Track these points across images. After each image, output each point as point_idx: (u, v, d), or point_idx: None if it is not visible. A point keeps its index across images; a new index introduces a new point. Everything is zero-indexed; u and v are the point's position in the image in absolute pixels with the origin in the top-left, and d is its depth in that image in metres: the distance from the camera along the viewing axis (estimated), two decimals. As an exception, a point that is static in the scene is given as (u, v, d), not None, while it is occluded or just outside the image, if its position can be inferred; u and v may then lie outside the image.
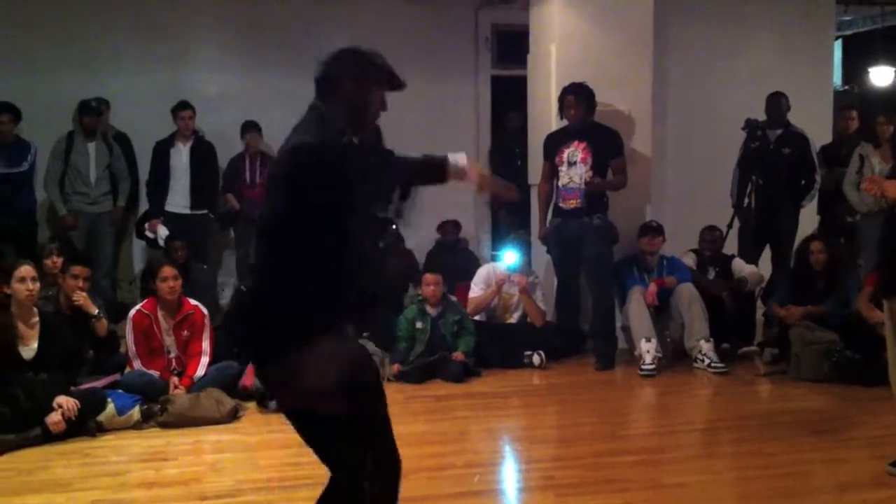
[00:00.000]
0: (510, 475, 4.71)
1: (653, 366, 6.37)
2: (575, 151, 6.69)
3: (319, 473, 4.36)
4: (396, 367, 6.26)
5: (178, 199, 8.09)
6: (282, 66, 8.69)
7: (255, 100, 8.71)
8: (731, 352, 6.83)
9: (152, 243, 8.09)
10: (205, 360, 5.72)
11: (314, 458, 4.58)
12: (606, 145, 6.69)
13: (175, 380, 5.58)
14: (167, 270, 5.74)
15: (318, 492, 4.09)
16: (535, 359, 6.61)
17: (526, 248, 7.11)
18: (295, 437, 4.93)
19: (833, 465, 4.53)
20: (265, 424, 5.30)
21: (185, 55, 8.81)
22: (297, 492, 4.15)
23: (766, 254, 7.66)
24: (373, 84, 2.90)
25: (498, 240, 8.72)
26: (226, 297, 7.79)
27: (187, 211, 8.10)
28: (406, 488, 4.17)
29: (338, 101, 2.85)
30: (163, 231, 7.86)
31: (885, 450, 4.43)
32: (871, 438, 4.86)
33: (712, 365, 6.41)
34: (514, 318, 6.98)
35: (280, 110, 8.61)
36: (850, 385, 5.88)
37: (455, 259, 8.23)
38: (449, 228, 8.73)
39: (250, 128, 8.41)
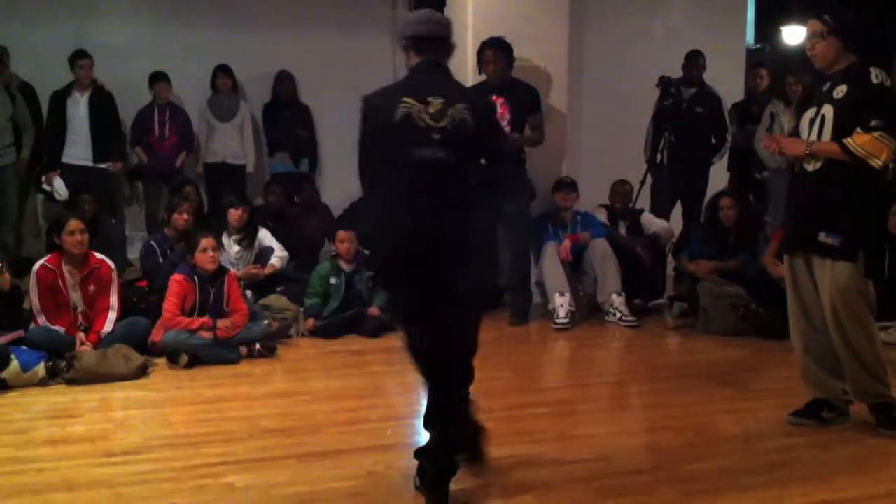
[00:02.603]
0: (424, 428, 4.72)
1: (566, 320, 6.44)
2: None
3: (228, 429, 4.38)
4: (311, 322, 6.20)
5: (79, 152, 7.84)
6: (192, 17, 8.47)
7: (165, 51, 8.50)
8: (642, 306, 6.95)
9: (51, 196, 7.84)
10: (112, 315, 5.60)
11: (222, 413, 4.61)
12: (525, 101, 6.67)
13: (82, 336, 5.44)
14: (74, 224, 5.56)
15: (227, 448, 4.10)
16: (451, 313, 6.60)
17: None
18: (203, 393, 4.98)
19: (739, 416, 4.66)
20: (174, 381, 5.23)
21: (92, 4, 8.53)
22: (205, 447, 4.12)
23: (678, 209, 7.78)
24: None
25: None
26: (134, 251, 7.60)
27: (89, 163, 7.85)
28: (319, 442, 4.21)
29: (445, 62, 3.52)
30: (59, 184, 7.62)
31: (788, 400, 4.56)
32: (776, 390, 5.01)
33: (624, 319, 6.51)
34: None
35: (190, 62, 8.53)
36: (756, 338, 6.05)
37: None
38: None
39: (159, 78, 8.19)
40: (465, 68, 6.99)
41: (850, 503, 3.58)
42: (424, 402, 3.64)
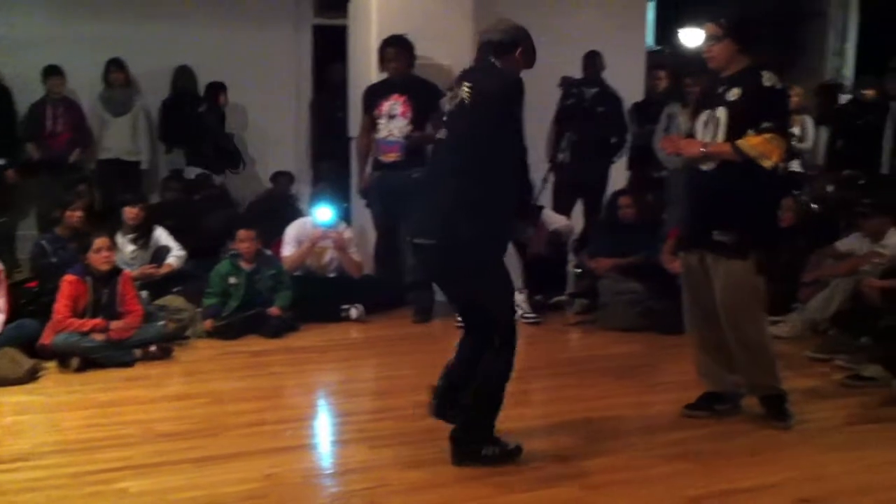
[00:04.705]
0: (324, 429, 4.68)
1: (469, 318, 6.44)
2: (395, 105, 6.63)
3: (122, 434, 4.25)
4: (209, 323, 6.07)
5: None
6: (89, 10, 8.23)
7: (60, 44, 8.23)
8: (544, 302, 7.01)
9: None
10: (0, 317, 5.38)
11: (116, 418, 4.48)
12: (426, 99, 6.64)
13: (-33, 339, 5.22)
14: (-44, 222, 5.34)
15: (122, 453, 3.98)
16: (353, 312, 6.58)
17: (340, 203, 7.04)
18: (97, 397, 4.83)
19: (640, 409, 4.76)
20: (65, 385, 5.06)
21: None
22: (98, 453, 4.00)
23: (579, 207, 7.88)
24: (528, 58, 3.97)
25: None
26: (24, 251, 7.33)
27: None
28: (217, 446, 4.12)
29: (506, 62, 3.88)
30: None
31: (686, 393, 4.65)
32: (673, 383, 5.11)
33: (525, 315, 6.55)
34: (332, 273, 6.90)
35: (86, 56, 8.28)
36: (655, 333, 6.16)
37: (284, 212, 7.97)
38: (282, 181, 8.53)
39: (52, 72, 7.94)
40: (369, 65, 6.96)
41: (744, 493, 3.67)
42: (325, 403, 3.57)
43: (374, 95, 6.73)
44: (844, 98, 9.18)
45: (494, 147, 3.73)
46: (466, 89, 3.81)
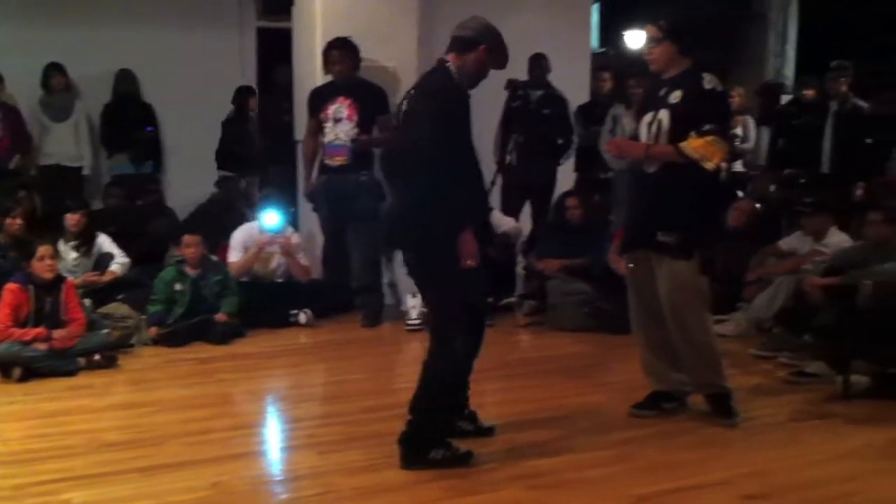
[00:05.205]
0: (273, 435, 4.65)
1: (418, 321, 6.44)
2: (340, 108, 6.60)
3: (66, 444, 4.18)
4: (154, 330, 6.00)
5: None
6: (27, 15, 8.07)
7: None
8: (493, 304, 7.01)
9: None
10: (-61, 328, 5.26)
11: (60, 428, 4.40)
12: (372, 102, 6.64)
13: None
14: None
15: (66, 463, 3.91)
16: (302, 317, 6.54)
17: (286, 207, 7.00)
18: (40, 407, 4.74)
19: (589, 409, 4.77)
20: (7, 395, 4.97)
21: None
22: (42, 464, 3.93)
23: (527, 209, 7.91)
24: (495, 57, 3.93)
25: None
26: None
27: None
28: (163, 454, 4.07)
29: (466, 60, 3.87)
30: None
31: (633, 393, 4.69)
32: (622, 382, 5.15)
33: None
34: (279, 278, 6.85)
35: (24, 60, 8.11)
36: (603, 333, 6.21)
37: (229, 216, 7.88)
38: (227, 185, 8.43)
39: (-10, 77, 7.77)
40: (314, 68, 6.93)
41: (690, 491, 3.70)
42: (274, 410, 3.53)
43: (320, 98, 6.70)
44: (786, 98, 9.34)
45: (434, 154, 3.69)
46: (406, 101, 3.88)
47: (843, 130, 7.59)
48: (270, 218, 6.77)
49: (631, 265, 4.51)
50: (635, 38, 11.51)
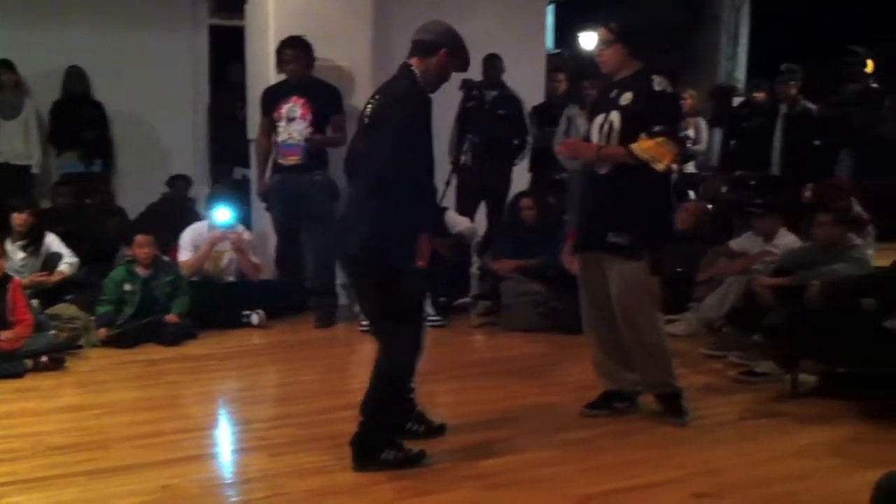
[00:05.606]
0: (223, 438, 4.59)
1: (372, 321, 6.42)
2: (294, 107, 6.56)
3: (11, 448, 4.14)
4: (103, 331, 5.91)
5: None
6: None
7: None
8: (447, 305, 7.02)
9: None
10: None
11: (5, 431, 4.35)
12: (326, 101, 6.61)
13: None
14: None
15: (10, 467, 3.84)
16: (255, 318, 6.49)
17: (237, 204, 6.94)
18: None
19: (541, 409, 4.79)
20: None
21: None
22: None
23: (482, 209, 7.92)
24: (457, 60, 3.95)
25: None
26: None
27: None
28: (111, 458, 4.01)
29: (428, 63, 3.90)
30: None
31: (586, 392, 4.71)
32: (575, 382, 5.16)
33: (429, 318, 6.52)
34: (230, 277, 6.79)
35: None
36: (557, 333, 6.23)
37: (180, 216, 7.77)
38: (179, 184, 8.33)
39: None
40: (267, 67, 6.87)
41: (641, 490, 3.72)
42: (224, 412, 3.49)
43: (273, 97, 6.64)
44: (738, 101, 9.45)
45: (397, 160, 3.70)
46: (371, 105, 3.87)
47: (792, 133, 7.70)
48: (222, 214, 6.71)
49: (582, 266, 4.53)
50: (590, 40, 11.58)
